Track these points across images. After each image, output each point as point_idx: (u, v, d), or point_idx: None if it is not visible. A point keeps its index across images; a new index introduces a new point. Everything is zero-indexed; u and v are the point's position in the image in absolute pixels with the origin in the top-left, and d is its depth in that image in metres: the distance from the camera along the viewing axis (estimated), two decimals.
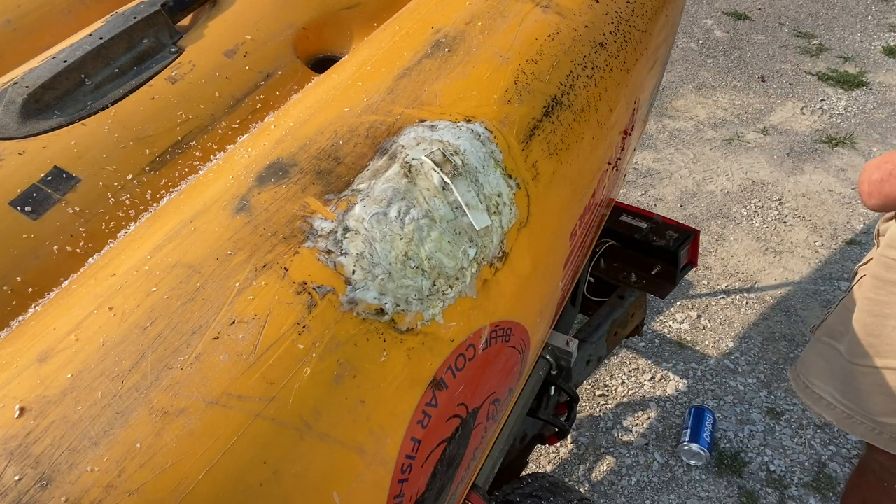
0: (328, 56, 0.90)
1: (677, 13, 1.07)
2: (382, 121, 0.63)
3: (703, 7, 4.09)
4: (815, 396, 1.10)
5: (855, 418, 1.04)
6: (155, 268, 0.51)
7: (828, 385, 1.08)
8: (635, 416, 1.97)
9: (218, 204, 0.55)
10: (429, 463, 0.57)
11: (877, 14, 3.89)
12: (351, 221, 0.54)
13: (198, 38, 0.81)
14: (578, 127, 0.74)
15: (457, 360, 0.58)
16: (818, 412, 1.11)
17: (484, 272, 0.60)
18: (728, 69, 3.50)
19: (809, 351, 1.14)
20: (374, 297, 0.53)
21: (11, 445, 0.41)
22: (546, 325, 0.85)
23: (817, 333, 1.12)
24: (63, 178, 0.65)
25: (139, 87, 0.74)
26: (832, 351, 1.07)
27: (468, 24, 0.74)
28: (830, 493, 1.75)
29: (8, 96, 0.68)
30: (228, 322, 0.47)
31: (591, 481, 1.82)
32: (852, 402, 1.04)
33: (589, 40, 0.79)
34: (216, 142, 0.73)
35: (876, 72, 3.39)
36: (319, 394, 0.48)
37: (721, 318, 2.23)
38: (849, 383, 1.04)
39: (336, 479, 0.48)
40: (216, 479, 0.42)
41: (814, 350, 1.12)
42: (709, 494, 1.78)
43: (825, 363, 1.09)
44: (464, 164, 0.60)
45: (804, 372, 1.13)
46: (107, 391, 0.43)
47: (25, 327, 0.51)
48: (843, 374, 1.05)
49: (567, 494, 1.03)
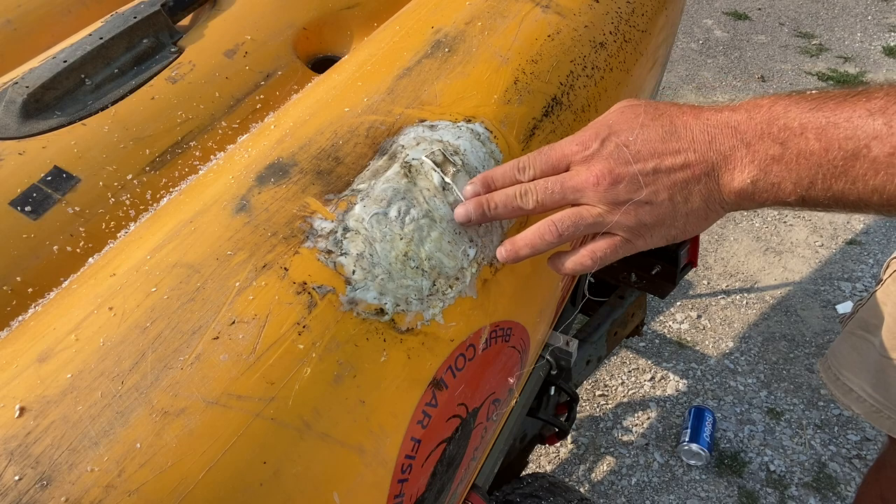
0: (328, 56, 0.90)
1: (677, 13, 1.07)
2: (382, 121, 0.63)
3: (703, 7, 4.09)
4: (846, 389, 1.10)
5: (883, 413, 1.04)
6: (155, 268, 0.51)
7: (859, 378, 1.07)
8: (635, 416, 1.97)
9: (218, 204, 0.56)
10: (429, 463, 0.57)
11: (877, 14, 3.89)
12: (351, 221, 0.54)
13: (198, 38, 0.81)
14: (578, 127, 0.74)
15: (457, 360, 0.58)
16: (847, 404, 1.11)
17: (484, 272, 0.60)
18: (728, 69, 3.50)
19: (842, 343, 1.13)
20: (374, 297, 0.53)
21: (11, 445, 0.41)
22: (546, 325, 0.85)
23: (850, 326, 1.12)
24: (63, 178, 0.65)
25: (139, 87, 0.74)
26: (866, 344, 1.06)
27: (468, 24, 0.74)
28: (830, 493, 1.75)
29: (8, 96, 0.68)
30: (228, 322, 0.47)
31: (591, 481, 1.82)
32: (882, 395, 1.04)
33: (589, 40, 0.79)
34: (216, 142, 0.73)
35: (876, 72, 3.38)
36: (319, 394, 0.48)
37: (721, 318, 2.23)
38: (880, 377, 1.03)
39: (336, 478, 0.48)
40: (216, 479, 0.42)
41: (847, 342, 1.11)
42: (709, 494, 1.78)
43: (858, 356, 1.08)
44: (464, 164, 0.60)
45: (836, 364, 1.13)
46: (107, 391, 0.43)
47: (25, 327, 0.51)
48: (875, 367, 1.04)
49: (567, 494, 1.03)
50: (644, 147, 0.51)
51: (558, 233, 0.53)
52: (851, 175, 0.45)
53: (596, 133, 0.53)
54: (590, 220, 0.53)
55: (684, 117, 0.51)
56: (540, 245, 0.55)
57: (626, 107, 0.54)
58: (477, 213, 0.56)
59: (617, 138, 0.52)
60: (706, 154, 0.50)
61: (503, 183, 0.56)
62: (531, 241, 0.55)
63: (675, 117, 0.51)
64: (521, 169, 0.55)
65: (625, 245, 0.54)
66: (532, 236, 0.55)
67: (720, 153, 0.49)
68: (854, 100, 0.45)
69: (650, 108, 0.53)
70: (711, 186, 0.50)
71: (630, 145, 0.51)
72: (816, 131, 0.46)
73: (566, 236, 0.54)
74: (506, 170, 0.56)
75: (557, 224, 0.53)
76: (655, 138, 0.51)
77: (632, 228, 0.52)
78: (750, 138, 0.48)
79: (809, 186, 0.47)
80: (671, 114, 0.52)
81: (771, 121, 0.48)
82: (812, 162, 0.46)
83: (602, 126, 0.53)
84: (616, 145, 0.51)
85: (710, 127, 0.50)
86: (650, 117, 0.52)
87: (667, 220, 0.52)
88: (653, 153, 0.51)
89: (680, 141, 0.50)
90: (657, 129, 0.51)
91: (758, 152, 0.48)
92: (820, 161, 0.46)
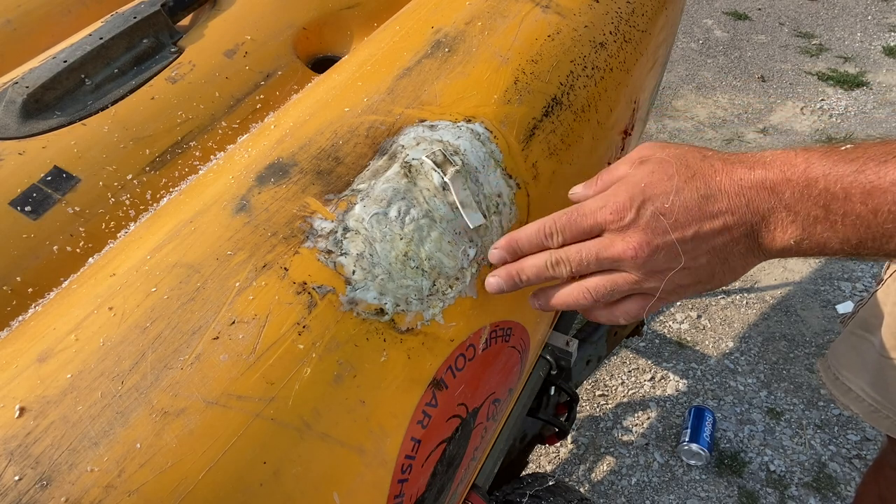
0: (328, 56, 0.90)
1: (677, 13, 1.07)
2: (382, 121, 0.63)
3: (703, 7, 4.09)
4: (845, 388, 1.10)
5: (881, 412, 1.04)
6: (155, 268, 0.51)
7: (858, 378, 1.07)
8: (635, 416, 1.97)
9: (218, 204, 0.55)
10: (429, 463, 0.57)
11: (877, 14, 3.89)
12: (351, 221, 0.54)
13: (198, 38, 0.81)
14: (578, 127, 0.74)
15: (457, 360, 0.58)
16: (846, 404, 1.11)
17: (484, 272, 0.60)
18: (728, 69, 3.50)
19: (841, 343, 1.13)
20: (374, 297, 0.53)
21: (11, 445, 0.41)
22: (546, 325, 0.85)
23: (850, 326, 1.12)
24: (63, 178, 0.65)
25: (139, 87, 0.74)
26: (865, 343, 1.07)
27: (468, 24, 0.74)
28: (830, 493, 1.75)
29: (8, 96, 0.68)
30: (228, 322, 0.47)
31: (591, 481, 1.82)
32: (881, 395, 1.04)
33: (589, 40, 0.79)
34: (216, 142, 0.73)
35: (876, 72, 3.39)
36: (319, 394, 0.48)
37: (721, 318, 2.23)
38: (879, 377, 1.04)
39: (336, 479, 0.48)
40: (216, 479, 0.42)
41: (846, 342, 1.11)
42: (709, 494, 1.78)
43: (858, 356, 1.08)
44: (464, 164, 0.60)
45: (835, 364, 1.13)
46: (107, 391, 0.43)
47: (25, 327, 0.51)
48: (874, 367, 1.04)
49: (567, 494, 1.03)
50: (682, 214, 0.49)
51: (594, 300, 0.53)
52: None
53: (630, 199, 0.50)
54: (626, 287, 0.52)
55: (717, 177, 0.49)
56: (574, 307, 0.55)
57: (655, 164, 0.51)
58: (509, 285, 0.56)
59: (653, 205, 0.50)
60: (745, 216, 0.48)
61: (530, 248, 0.55)
62: (564, 301, 0.55)
63: (709, 178, 0.49)
64: (548, 235, 0.54)
65: (658, 303, 0.53)
66: (566, 298, 0.55)
67: (759, 214, 0.48)
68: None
69: (682, 166, 0.51)
70: (751, 245, 0.49)
71: (667, 213, 0.49)
72: (862, 196, 0.44)
73: (601, 303, 0.54)
74: (531, 234, 0.54)
75: (593, 292, 0.53)
76: (692, 203, 0.49)
77: (668, 291, 0.52)
78: (789, 200, 0.47)
79: (858, 245, 0.46)
80: (705, 174, 0.50)
81: (809, 183, 0.46)
82: (860, 224, 0.45)
83: (635, 189, 0.51)
84: (653, 213, 0.50)
85: (745, 189, 0.48)
86: (683, 178, 0.50)
87: (704, 279, 0.52)
88: (691, 220, 0.49)
89: (717, 204, 0.49)
90: (692, 193, 0.49)
91: (799, 213, 0.47)
92: (868, 224, 0.45)
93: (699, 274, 0.51)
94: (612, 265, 0.52)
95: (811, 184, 0.46)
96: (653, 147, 0.54)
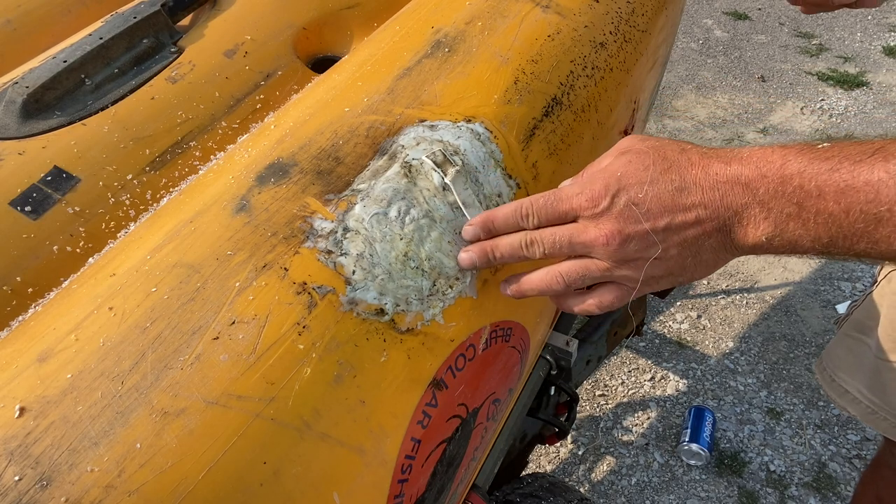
0: (328, 56, 0.90)
1: (677, 13, 1.07)
2: (382, 121, 0.63)
3: (703, 7, 4.09)
4: (841, 390, 1.10)
5: (878, 414, 1.05)
6: (155, 268, 0.51)
7: (854, 380, 1.08)
8: (635, 416, 1.97)
9: (218, 204, 0.55)
10: (429, 463, 0.57)
11: (877, 14, 3.89)
12: (351, 221, 0.54)
13: (198, 38, 0.81)
14: (578, 127, 0.74)
15: (457, 360, 0.58)
16: (842, 405, 1.11)
17: (484, 272, 0.60)
18: (728, 69, 3.50)
19: (837, 345, 1.13)
20: (374, 297, 0.53)
21: (11, 445, 0.41)
22: (546, 325, 0.85)
23: (845, 328, 1.12)
24: (63, 178, 0.65)
25: (139, 87, 0.74)
26: (861, 346, 1.07)
27: (468, 24, 0.74)
28: (830, 493, 1.75)
29: (8, 96, 0.68)
30: (228, 322, 0.47)
31: (591, 481, 1.82)
32: (878, 397, 1.04)
33: (589, 40, 0.79)
34: (216, 142, 0.73)
35: (876, 72, 3.39)
36: (319, 394, 0.48)
37: (721, 318, 2.23)
38: (875, 378, 1.04)
39: (336, 479, 0.48)
40: (216, 480, 0.42)
41: (842, 344, 1.11)
42: (709, 494, 1.78)
43: (854, 358, 1.08)
44: (464, 164, 0.60)
45: (831, 366, 1.13)
46: (107, 391, 0.43)
47: (25, 327, 0.51)
48: (870, 369, 1.05)
49: (567, 494, 1.03)
50: (655, 204, 0.50)
51: (566, 284, 0.54)
52: (874, 237, 0.45)
53: (606, 187, 0.51)
54: (597, 273, 0.53)
55: (693, 170, 0.50)
56: (546, 291, 0.56)
57: (633, 155, 0.52)
58: (482, 260, 0.57)
59: (627, 194, 0.51)
60: (718, 210, 0.49)
61: (505, 228, 0.56)
62: (538, 286, 0.56)
63: (685, 171, 0.50)
64: (524, 216, 0.55)
65: (631, 293, 0.54)
66: (539, 283, 0.56)
67: (732, 209, 0.49)
68: (871, 161, 0.44)
69: (658, 157, 0.51)
70: (723, 240, 0.50)
71: (640, 203, 0.50)
72: (835, 195, 0.45)
73: (573, 287, 0.55)
74: (507, 214, 0.55)
75: (565, 276, 0.54)
76: (666, 194, 0.50)
77: (640, 280, 0.53)
78: (763, 196, 0.47)
79: (829, 244, 0.46)
80: (680, 166, 0.51)
81: (784, 180, 0.47)
82: (831, 223, 0.46)
83: (611, 178, 0.52)
84: (626, 203, 0.50)
85: (720, 183, 0.49)
86: (659, 170, 0.51)
87: (675, 271, 0.52)
88: (664, 210, 0.50)
89: (690, 196, 0.50)
90: (667, 185, 0.50)
91: (773, 210, 0.47)
92: (840, 223, 0.45)
93: (670, 265, 0.52)
94: (585, 251, 0.53)
95: (786, 181, 0.47)
96: (634, 139, 0.55)
